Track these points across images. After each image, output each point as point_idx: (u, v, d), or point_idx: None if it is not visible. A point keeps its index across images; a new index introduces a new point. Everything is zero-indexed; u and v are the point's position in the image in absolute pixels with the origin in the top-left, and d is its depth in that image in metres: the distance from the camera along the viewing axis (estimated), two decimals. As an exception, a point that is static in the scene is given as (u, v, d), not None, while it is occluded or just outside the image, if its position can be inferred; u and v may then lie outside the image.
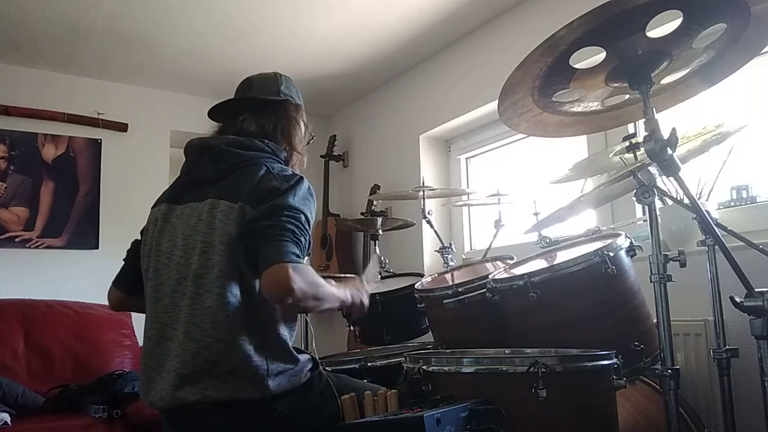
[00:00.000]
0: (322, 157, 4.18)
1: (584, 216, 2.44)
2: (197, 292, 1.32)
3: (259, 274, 1.28)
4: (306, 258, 1.39)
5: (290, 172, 1.44)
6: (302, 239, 1.32)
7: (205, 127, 1.63)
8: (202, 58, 3.48)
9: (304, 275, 1.26)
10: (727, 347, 1.58)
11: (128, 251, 1.57)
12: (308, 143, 1.69)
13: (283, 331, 1.38)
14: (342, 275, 1.62)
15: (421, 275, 2.49)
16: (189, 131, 3.78)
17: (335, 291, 1.40)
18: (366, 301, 1.55)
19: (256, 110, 1.56)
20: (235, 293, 1.31)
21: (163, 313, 1.37)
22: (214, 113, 1.62)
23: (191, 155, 1.52)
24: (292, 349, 1.39)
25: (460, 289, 1.83)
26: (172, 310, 1.35)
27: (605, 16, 1.17)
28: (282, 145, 1.55)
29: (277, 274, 1.23)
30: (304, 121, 1.65)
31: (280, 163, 1.49)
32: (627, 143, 1.60)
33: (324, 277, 1.37)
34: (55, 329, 2.99)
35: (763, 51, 1.38)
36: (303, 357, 1.41)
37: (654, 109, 1.35)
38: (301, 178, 1.42)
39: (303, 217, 1.34)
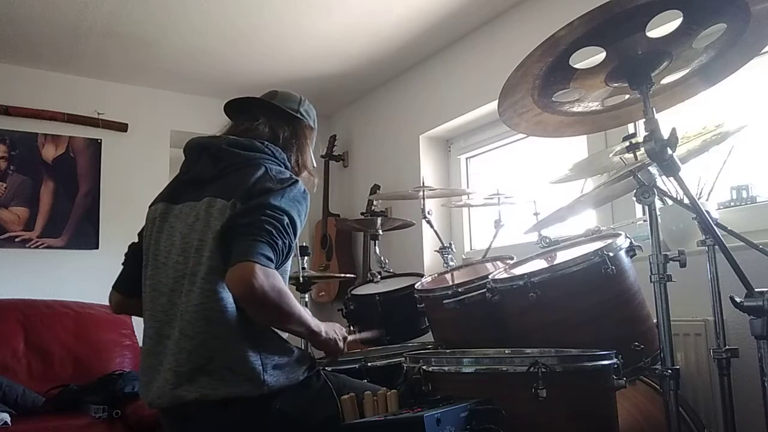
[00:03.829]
0: (322, 157, 4.18)
1: (584, 216, 2.44)
2: (191, 290, 1.32)
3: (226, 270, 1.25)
4: (287, 262, 1.37)
5: (287, 175, 1.44)
6: (279, 242, 1.28)
7: (206, 127, 1.63)
8: (202, 58, 3.47)
9: (270, 279, 1.23)
10: (727, 347, 1.57)
11: (126, 255, 1.57)
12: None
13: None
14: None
15: (421, 275, 2.49)
16: (189, 131, 3.78)
17: (306, 314, 1.36)
18: (342, 346, 1.51)
19: (273, 117, 1.58)
20: (225, 289, 1.30)
21: (161, 311, 1.37)
22: (229, 108, 1.63)
23: (190, 154, 1.53)
24: (285, 341, 1.39)
25: (460, 289, 1.83)
26: (169, 308, 1.36)
27: (605, 16, 1.17)
28: (291, 160, 1.57)
29: (241, 270, 1.21)
30: (313, 145, 1.68)
31: (279, 166, 1.49)
32: (627, 143, 1.60)
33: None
34: (55, 329, 2.99)
35: (763, 51, 1.38)
36: (297, 350, 1.42)
37: (654, 109, 1.34)
38: (297, 180, 1.42)
39: (286, 220, 1.31)
